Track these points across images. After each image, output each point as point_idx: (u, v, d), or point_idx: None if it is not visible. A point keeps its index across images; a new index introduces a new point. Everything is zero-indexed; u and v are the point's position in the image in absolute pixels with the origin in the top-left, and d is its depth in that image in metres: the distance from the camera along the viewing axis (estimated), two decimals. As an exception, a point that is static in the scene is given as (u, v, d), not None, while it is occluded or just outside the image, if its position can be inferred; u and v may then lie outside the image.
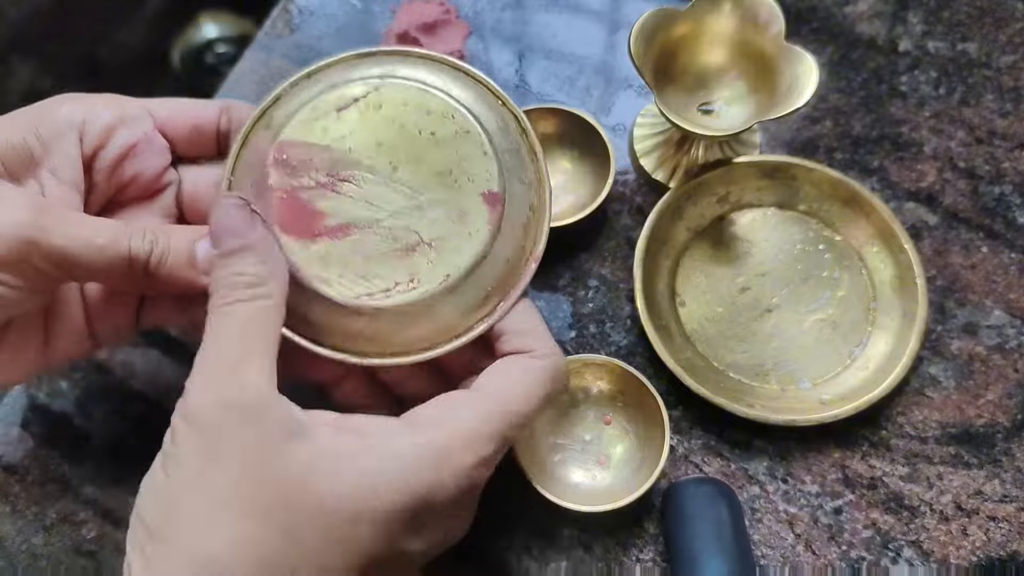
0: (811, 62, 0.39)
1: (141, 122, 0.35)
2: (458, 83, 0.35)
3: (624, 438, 0.41)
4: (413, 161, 0.33)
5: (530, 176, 0.34)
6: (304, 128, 0.33)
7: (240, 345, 0.28)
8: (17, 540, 0.41)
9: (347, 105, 0.34)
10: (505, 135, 0.34)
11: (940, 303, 0.44)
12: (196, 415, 0.27)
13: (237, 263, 0.29)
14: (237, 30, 0.97)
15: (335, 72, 0.35)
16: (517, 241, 0.33)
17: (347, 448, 0.27)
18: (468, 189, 0.33)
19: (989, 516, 0.40)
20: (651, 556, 0.40)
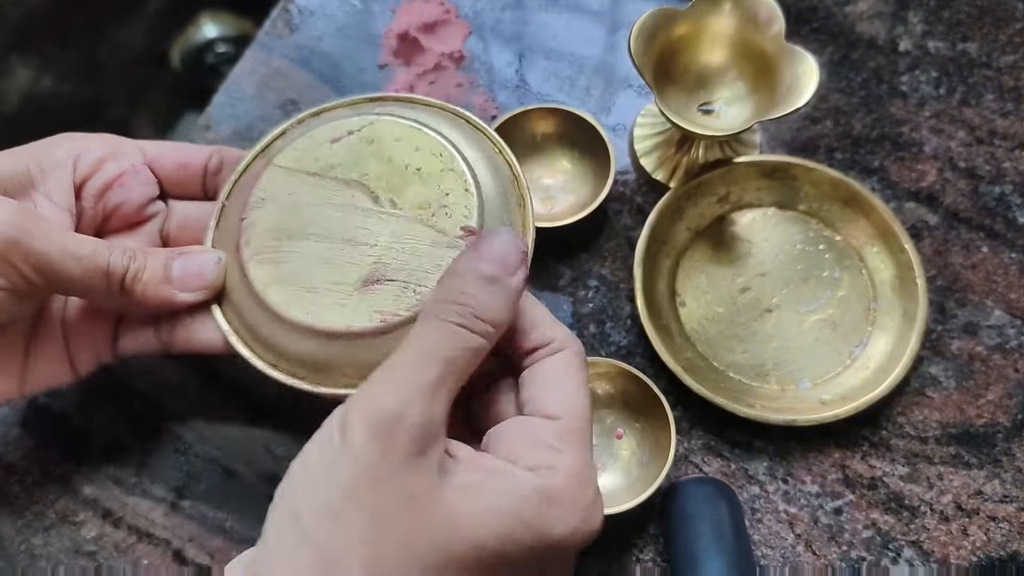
0: (811, 62, 0.39)
1: (130, 156, 0.37)
2: (454, 127, 0.36)
3: (629, 441, 0.41)
4: (395, 193, 0.34)
5: (515, 221, 0.35)
6: (296, 156, 0.35)
7: (445, 372, 0.28)
8: (17, 540, 0.41)
9: (340, 137, 0.35)
10: (494, 178, 0.35)
11: (940, 303, 0.44)
12: (382, 424, 0.26)
13: (488, 293, 0.29)
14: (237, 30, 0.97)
15: (341, 112, 0.37)
16: None
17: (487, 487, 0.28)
18: (445, 223, 0.33)
19: (989, 516, 0.40)
20: (651, 556, 0.40)
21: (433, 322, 0.29)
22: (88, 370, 0.38)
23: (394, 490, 0.26)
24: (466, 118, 0.37)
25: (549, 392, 0.31)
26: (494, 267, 0.30)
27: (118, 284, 0.33)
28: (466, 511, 0.27)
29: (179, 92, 1.01)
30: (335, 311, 0.33)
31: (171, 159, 0.38)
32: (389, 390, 0.27)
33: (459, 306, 0.29)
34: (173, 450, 0.43)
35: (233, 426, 0.43)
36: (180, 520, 0.41)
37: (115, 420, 0.44)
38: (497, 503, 0.27)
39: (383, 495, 0.26)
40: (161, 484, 0.42)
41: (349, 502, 0.26)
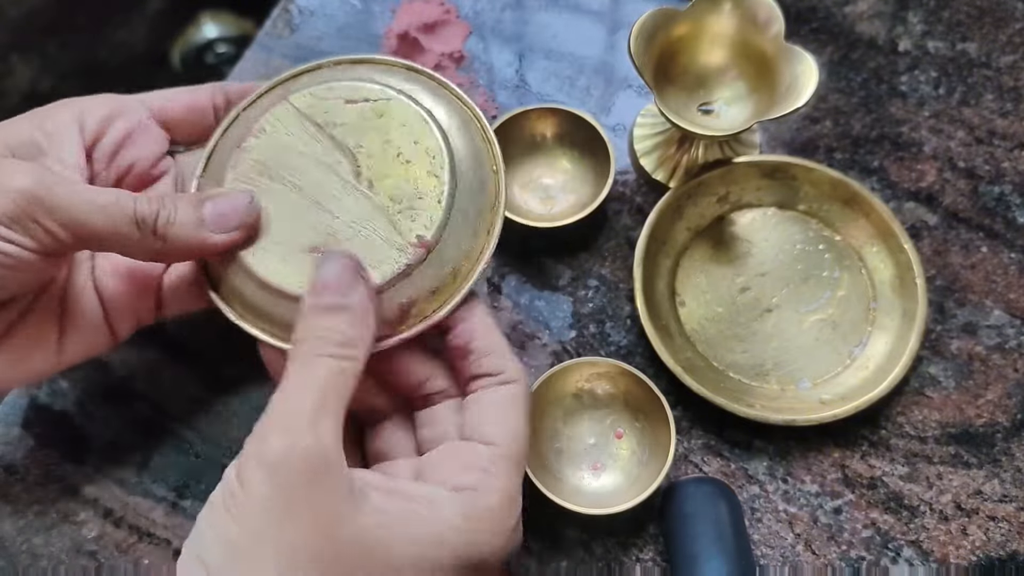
0: (811, 62, 0.40)
1: (136, 112, 0.36)
2: (463, 129, 0.36)
3: (629, 441, 0.41)
4: (377, 175, 0.34)
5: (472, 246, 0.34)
6: (310, 101, 0.35)
7: (321, 399, 0.28)
8: (17, 540, 0.41)
9: (356, 100, 0.35)
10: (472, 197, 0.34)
11: (940, 303, 0.44)
12: (273, 462, 0.27)
13: (333, 320, 0.30)
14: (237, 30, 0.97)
15: (373, 69, 0.37)
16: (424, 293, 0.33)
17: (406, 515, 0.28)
18: (405, 226, 0.33)
19: (989, 516, 0.40)
20: (651, 556, 0.40)
21: (298, 360, 0.29)
22: (127, 334, 0.37)
23: (297, 523, 0.26)
24: (482, 126, 0.36)
25: (490, 421, 0.32)
26: (327, 296, 0.30)
27: (151, 230, 0.32)
28: (382, 537, 0.27)
29: (179, 92, 1.00)
30: (276, 265, 0.33)
31: (177, 107, 0.38)
32: (274, 430, 0.27)
33: (313, 340, 0.30)
34: (174, 450, 0.43)
35: (234, 426, 0.43)
36: (181, 520, 0.41)
37: (115, 420, 0.44)
38: (416, 531, 0.28)
39: (287, 527, 0.26)
40: (162, 484, 0.42)
41: (253, 539, 0.26)
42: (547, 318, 0.45)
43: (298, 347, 0.30)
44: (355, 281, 0.31)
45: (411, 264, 0.33)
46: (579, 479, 0.40)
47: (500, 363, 0.33)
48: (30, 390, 0.44)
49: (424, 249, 0.33)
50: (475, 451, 0.31)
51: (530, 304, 0.45)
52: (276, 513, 0.26)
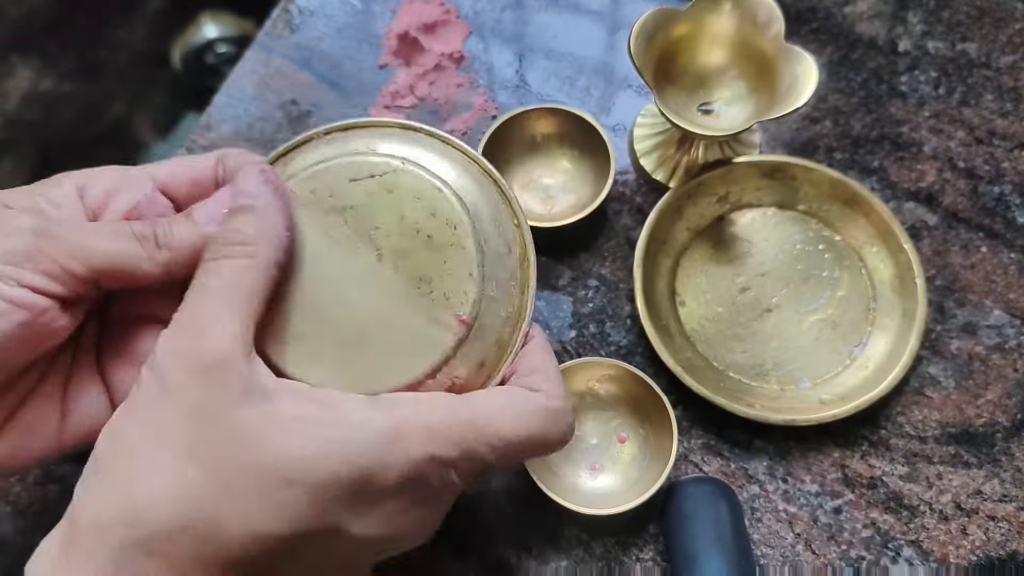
0: (811, 62, 0.40)
1: (141, 184, 0.36)
2: (476, 188, 0.34)
3: (631, 446, 0.41)
4: (399, 255, 0.32)
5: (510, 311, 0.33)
6: (313, 187, 0.33)
7: (217, 302, 0.29)
8: (18, 540, 0.41)
9: (360, 178, 0.33)
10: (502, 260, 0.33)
11: (940, 303, 0.44)
12: (161, 366, 0.28)
13: (234, 221, 0.30)
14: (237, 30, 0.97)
15: (368, 136, 0.35)
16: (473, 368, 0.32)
17: (303, 414, 0.28)
18: (441, 304, 0.32)
19: (988, 516, 0.40)
20: (651, 555, 0.40)
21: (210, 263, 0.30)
22: None
23: (175, 413, 0.27)
24: (494, 179, 0.35)
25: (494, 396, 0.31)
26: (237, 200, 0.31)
27: (153, 243, 0.32)
28: (264, 433, 0.27)
29: (179, 92, 1.01)
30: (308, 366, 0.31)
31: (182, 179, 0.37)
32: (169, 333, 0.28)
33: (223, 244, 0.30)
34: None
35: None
36: (181, 520, 0.41)
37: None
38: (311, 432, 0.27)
39: (164, 420, 0.27)
40: (162, 484, 0.42)
41: (138, 434, 0.27)
42: (547, 318, 0.45)
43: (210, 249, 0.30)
44: (265, 183, 0.31)
45: (454, 347, 0.31)
46: (576, 477, 0.40)
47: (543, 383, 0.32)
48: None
49: (465, 326, 0.32)
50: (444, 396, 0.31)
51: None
52: (159, 406, 0.27)
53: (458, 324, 0.32)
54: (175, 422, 0.27)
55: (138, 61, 0.95)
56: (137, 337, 0.35)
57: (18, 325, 0.30)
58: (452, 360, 0.32)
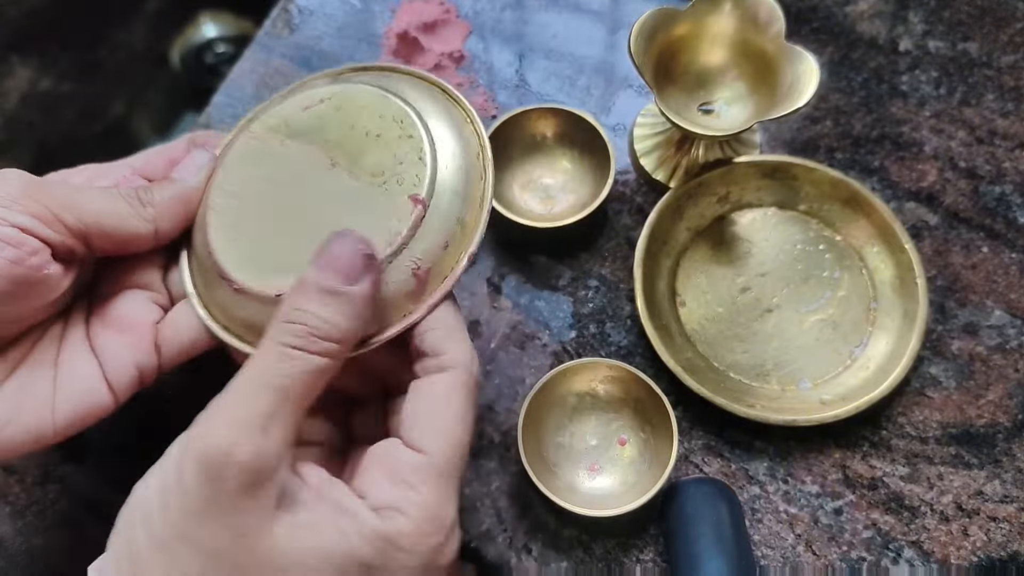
0: (811, 62, 0.39)
1: (118, 170, 0.37)
2: (426, 95, 0.36)
3: (631, 449, 0.41)
4: (352, 159, 0.34)
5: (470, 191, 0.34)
6: (269, 123, 0.36)
7: (280, 401, 0.27)
8: (17, 540, 0.41)
9: (311, 105, 0.36)
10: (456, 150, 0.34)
11: (940, 303, 0.44)
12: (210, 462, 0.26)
13: (327, 307, 0.28)
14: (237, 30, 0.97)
15: (322, 81, 0.38)
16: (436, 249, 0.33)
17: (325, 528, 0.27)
18: (395, 191, 0.33)
19: (990, 516, 0.40)
20: (651, 556, 0.40)
21: (267, 345, 0.27)
22: (127, 391, 0.35)
23: (222, 528, 0.26)
24: (442, 87, 0.37)
25: (422, 418, 0.29)
26: (332, 278, 0.28)
27: (138, 201, 0.33)
28: (294, 550, 0.26)
29: (179, 92, 1.01)
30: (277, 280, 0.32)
31: (158, 162, 0.37)
32: (219, 426, 0.26)
33: (293, 325, 0.27)
34: (173, 450, 0.43)
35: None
36: (180, 520, 0.41)
37: (115, 420, 0.44)
38: (331, 545, 0.27)
39: (211, 533, 0.26)
40: (161, 484, 0.42)
41: (178, 539, 0.26)
42: (547, 318, 0.45)
43: (275, 327, 0.27)
44: (366, 269, 0.29)
45: (412, 226, 0.32)
46: (575, 476, 0.40)
47: (442, 344, 0.30)
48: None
49: (421, 205, 0.32)
50: (403, 458, 0.29)
51: (530, 304, 0.45)
52: (202, 516, 0.26)
53: (412, 203, 0.32)
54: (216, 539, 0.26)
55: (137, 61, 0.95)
56: (125, 305, 0.35)
57: (9, 263, 0.30)
58: (411, 241, 0.32)
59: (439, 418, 0.29)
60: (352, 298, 0.28)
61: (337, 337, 0.28)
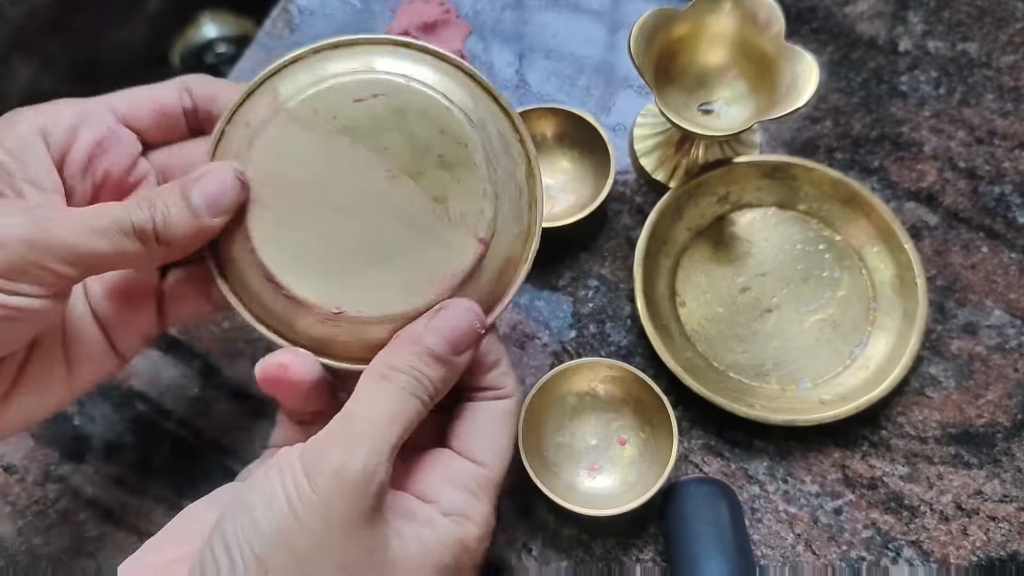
0: (811, 62, 0.39)
1: (102, 118, 0.34)
2: (483, 108, 0.33)
3: (631, 449, 0.41)
4: (412, 176, 0.32)
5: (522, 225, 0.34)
6: (315, 108, 0.32)
7: (402, 434, 0.29)
8: (17, 540, 0.41)
9: (364, 98, 0.32)
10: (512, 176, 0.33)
11: (940, 303, 0.44)
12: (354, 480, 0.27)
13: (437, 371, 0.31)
14: (237, 30, 0.97)
15: (362, 53, 0.33)
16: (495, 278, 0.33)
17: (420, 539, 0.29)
18: (457, 224, 0.32)
19: (989, 516, 0.40)
20: (651, 556, 0.40)
21: (394, 388, 0.30)
22: (135, 353, 0.37)
23: (359, 543, 0.27)
24: (495, 95, 0.34)
25: (482, 436, 0.33)
26: (446, 347, 0.31)
27: (153, 239, 0.31)
28: (404, 559, 0.29)
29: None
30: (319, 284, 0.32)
31: (145, 110, 0.35)
32: (362, 448, 0.28)
33: (415, 380, 0.30)
34: (173, 450, 0.43)
35: (233, 426, 0.43)
36: (180, 520, 0.41)
37: (115, 420, 0.44)
38: (425, 553, 0.29)
39: (349, 547, 0.27)
40: (161, 484, 0.42)
41: (317, 552, 0.27)
42: (547, 318, 0.45)
43: (397, 374, 0.30)
44: (473, 343, 0.31)
45: (472, 267, 0.32)
46: (575, 476, 0.40)
47: (502, 379, 0.33)
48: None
49: (483, 246, 0.32)
50: (464, 469, 0.32)
51: (530, 304, 0.45)
52: (342, 529, 0.27)
53: (476, 244, 0.32)
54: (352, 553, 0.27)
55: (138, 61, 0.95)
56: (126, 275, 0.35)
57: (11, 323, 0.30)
58: (470, 281, 0.32)
59: (496, 438, 0.33)
60: (455, 367, 0.31)
61: (434, 395, 0.31)
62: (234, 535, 0.27)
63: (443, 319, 0.31)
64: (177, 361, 0.45)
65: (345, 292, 0.32)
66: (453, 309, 0.31)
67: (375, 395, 0.30)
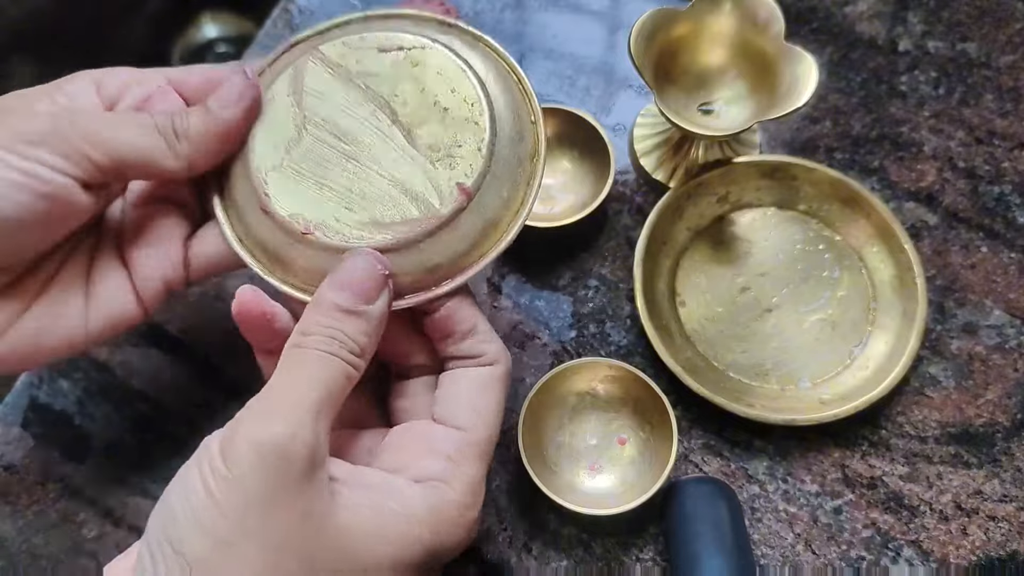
0: (811, 62, 0.40)
1: (154, 79, 0.36)
2: (501, 81, 0.35)
3: (631, 448, 0.41)
4: (414, 123, 0.34)
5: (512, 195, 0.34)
6: (342, 51, 0.35)
7: (325, 397, 0.28)
8: (17, 540, 0.41)
9: (389, 49, 0.35)
10: (512, 146, 0.34)
11: (940, 303, 0.44)
12: (271, 449, 0.26)
13: (350, 324, 0.30)
14: (237, 30, 0.97)
15: (407, 22, 0.36)
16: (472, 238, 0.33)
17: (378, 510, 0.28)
18: (444, 172, 0.33)
19: (989, 516, 0.40)
20: (651, 555, 0.40)
21: (308, 352, 0.29)
22: (155, 303, 0.36)
23: (286, 516, 0.26)
24: (519, 78, 0.36)
25: (462, 401, 0.31)
26: (351, 298, 0.30)
27: (172, 134, 0.32)
28: (358, 532, 0.27)
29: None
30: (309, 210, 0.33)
31: (196, 79, 0.37)
32: (276, 417, 0.27)
33: (327, 338, 0.29)
34: (173, 450, 0.43)
35: (233, 426, 0.43)
36: (180, 520, 0.41)
37: (115, 420, 0.44)
38: (390, 529, 0.28)
39: (275, 522, 0.26)
40: (161, 484, 0.42)
41: (239, 532, 0.25)
42: (547, 318, 0.45)
43: (308, 338, 0.29)
44: (381, 287, 0.30)
45: (452, 212, 0.32)
46: (575, 475, 0.40)
47: (481, 347, 0.32)
48: (30, 390, 0.44)
49: (465, 196, 0.32)
50: (442, 435, 0.31)
51: (530, 304, 0.45)
52: (265, 504, 0.26)
53: (459, 192, 0.32)
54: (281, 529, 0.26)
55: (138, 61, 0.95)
56: (158, 220, 0.36)
57: (38, 197, 0.30)
58: (447, 228, 0.32)
59: (479, 402, 0.32)
60: (370, 316, 0.30)
61: (359, 350, 0.30)
62: (154, 532, 0.26)
63: (340, 271, 0.30)
64: (177, 361, 0.45)
65: (319, 217, 0.33)
66: (350, 259, 0.31)
67: (289, 364, 0.29)
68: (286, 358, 0.29)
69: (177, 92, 0.36)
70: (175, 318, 0.45)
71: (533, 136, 0.35)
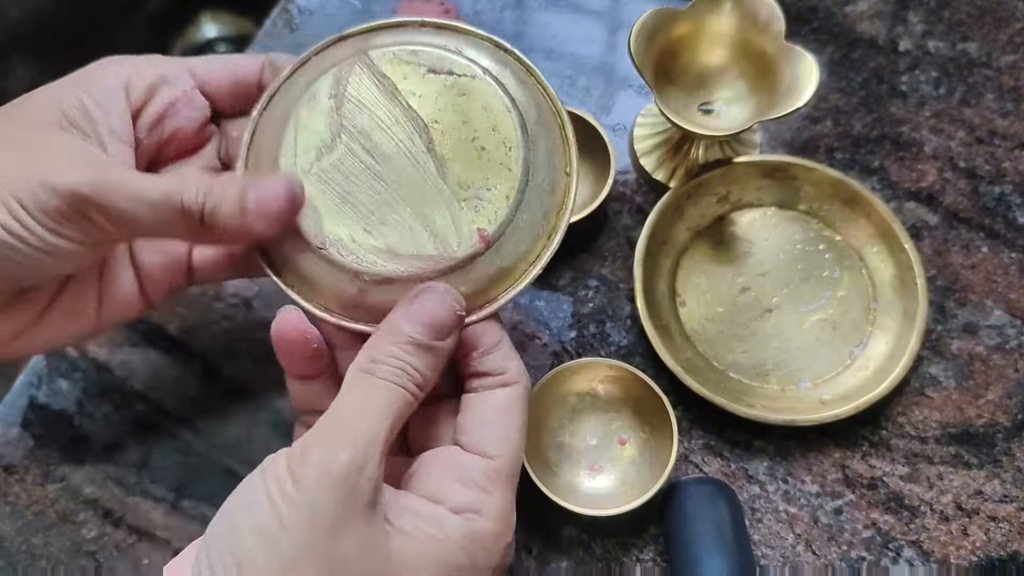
0: (811, 62, 0.39)
1: (181, 80, 0.36)
2: (543, 124, 0.34)
3: (631, 449, 0.41)
4: (450, 155, 0.33)
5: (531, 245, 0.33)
6: (391, 62, 0.34)
7: (391, 428, 0.29)
8: (17, 540, 0.41)
9: (439, 72, 0.34)
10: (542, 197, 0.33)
11: (940, 303, 0.44)
12: (339, 475, 0.27)
13: (421, 358, 0.30)
14: (237, 30, 0.97)
15: (462, 39, 0.35)
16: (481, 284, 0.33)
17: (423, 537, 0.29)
18: (467, 217, 0.32)
19: (989, 516, 0.40)
20: (651, 556, 0.40)
21: (379, 382, 0.29)
22: (160, 300, 0.37)
23: (348, 543, 0.27)
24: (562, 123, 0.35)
25: (487, 427, 0.32)
26: (426, 333, 0.30)
27: (197, 221, 0.32)
28: (409, 559, 0.28)
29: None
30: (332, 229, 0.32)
31: (222, 78, 0.37)
32: (346, 445, 0.27)
33: (398, 370, 0.30)
34: (173, 450, 0.43)
35: (233, 426, 0.43)
36: (180, 520, 0.41)
37: (115, 420, 0.44)
38: (432, 551, 0.28)
39: (339, 547, 0.26)
40: (161, 484, 0.42)
41: (303, 552, 0.26)
42: (547, 318, 0.45)
43: (379, 367, 0.30)
44: (455, 328, 0.31)
45: (468, 257, 0.32)
46: (575, 476, 0.40)
47: (504, 364, 0.33)
48: (29, 390, 0.44)
49: (484, 244, 0.32)
50: (471, 463, 0.31)
51: (530, 304, 0.45)
52: (330, 529, 0.26)
53: (479, 239, 0.32)
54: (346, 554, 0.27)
55: (138, 61, 0.95)
56: None
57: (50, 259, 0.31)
58: (460, 271, 0.32)
59: (504, 426, 0.32)
60: (439, 353, 0.31)
61: (422, 384, 0.30)
62: (215, 541, 0.27)
63: (420, 304, 0.31)
64: (177, 361, 0.45)
65: (336, 234, 0.32)
66: (429, 294, 0.31)
67: (359, 390, 0.30)
68: (355, 382, 0.30)
69: (204, 93, 0.37)
70: (175, 318, 0.45)
71: (563, 188, 0.34)
